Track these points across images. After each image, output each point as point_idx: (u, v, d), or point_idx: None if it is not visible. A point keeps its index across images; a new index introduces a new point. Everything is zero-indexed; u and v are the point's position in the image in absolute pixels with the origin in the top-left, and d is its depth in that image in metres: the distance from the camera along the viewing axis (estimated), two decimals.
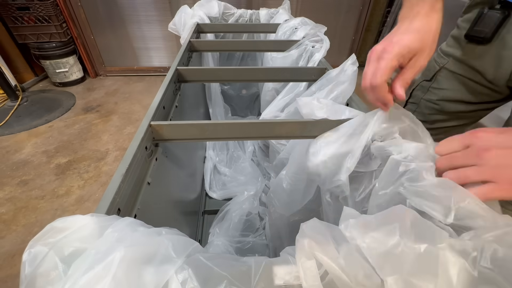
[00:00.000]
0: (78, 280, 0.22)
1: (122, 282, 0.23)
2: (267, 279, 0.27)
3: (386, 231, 0.26)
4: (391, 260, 0.25)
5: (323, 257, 0.26)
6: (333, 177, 0.51)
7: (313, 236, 0.28)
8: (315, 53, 0.85)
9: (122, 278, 0.23)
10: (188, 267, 0.25)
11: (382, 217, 0.28)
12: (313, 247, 0.27)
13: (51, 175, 1.61)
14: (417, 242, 0.25)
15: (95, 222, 0.28)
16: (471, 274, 0.24)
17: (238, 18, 1.46)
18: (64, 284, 0.22)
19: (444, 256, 0.24)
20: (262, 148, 1.47)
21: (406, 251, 0.25)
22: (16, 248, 1.20)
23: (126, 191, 0.40)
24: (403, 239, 0.26)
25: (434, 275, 0.24)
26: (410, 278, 0.24)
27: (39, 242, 0.25)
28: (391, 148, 0.42)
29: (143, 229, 0.29)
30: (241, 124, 0.56)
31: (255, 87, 1.72)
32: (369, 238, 0.27)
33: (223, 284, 0.25)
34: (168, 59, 2.93)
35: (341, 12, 2.71)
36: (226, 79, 0.82)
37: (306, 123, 0.55)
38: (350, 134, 0.49)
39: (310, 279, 0.26)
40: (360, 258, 0.26)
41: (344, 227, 0.29)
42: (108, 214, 0.34)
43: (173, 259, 0.26)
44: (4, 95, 2.22)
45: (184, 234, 0.30)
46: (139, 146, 0.46)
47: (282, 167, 0.84)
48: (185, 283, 0.24)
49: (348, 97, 0.64)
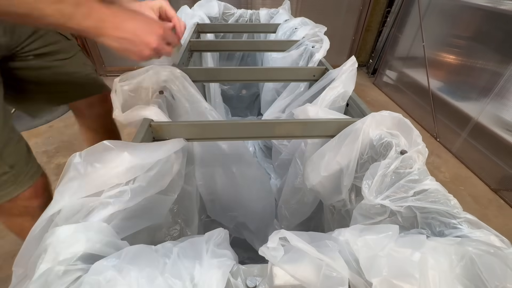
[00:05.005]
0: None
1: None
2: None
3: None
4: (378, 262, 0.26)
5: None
6: (333, 194, 0.52)
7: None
8: (315, 53, 0.85)
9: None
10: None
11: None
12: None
13: (51, 175, 1.60)
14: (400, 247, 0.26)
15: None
16: (450, 277, 0.25)
17: (238, 18, 1.46)
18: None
19: (425, 259, 0.26)
20: (262, 149, 1.47)
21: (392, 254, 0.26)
22: (16, 248, 1.19)
23: None
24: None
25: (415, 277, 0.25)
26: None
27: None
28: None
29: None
30: (241, 124, 0.56)
31: (255, 87, 1.72)
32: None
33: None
34: (168, 59, 2.92)
35: (341, 12, 2.71)
36: (226, 79, 0.82)
37: (306, 123, 0.55)
38: (343, 146, 0.49)
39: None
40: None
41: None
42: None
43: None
44: None
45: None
46: None
47: (284, 167, 0.85)
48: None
49: (348, 97, 0.64)
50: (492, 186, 1.56)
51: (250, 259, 0.97)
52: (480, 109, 1.61)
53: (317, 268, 0.26)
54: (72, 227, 0.30)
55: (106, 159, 0.37)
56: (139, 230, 0.41)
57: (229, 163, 0.79)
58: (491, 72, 1.54)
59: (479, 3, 1.62)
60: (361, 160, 0.48)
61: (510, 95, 1.44)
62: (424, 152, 0.42)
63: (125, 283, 0.25)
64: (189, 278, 0.26)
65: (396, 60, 2.48)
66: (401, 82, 2.40)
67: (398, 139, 0.44)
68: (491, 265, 0.25)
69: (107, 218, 0.33)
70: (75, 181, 0.34)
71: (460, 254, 0.26)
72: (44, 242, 0.29)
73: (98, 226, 0.31)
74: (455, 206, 0.34)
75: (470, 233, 0.30)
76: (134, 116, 0.52)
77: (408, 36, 2.27)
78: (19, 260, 0.31)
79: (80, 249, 0.28)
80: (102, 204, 0.34)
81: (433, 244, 0.27)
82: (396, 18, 2.43)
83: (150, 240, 0.48)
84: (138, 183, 0.38)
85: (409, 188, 0.37)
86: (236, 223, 0.95)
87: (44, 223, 0.32)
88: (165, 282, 0.25)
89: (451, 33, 1.83)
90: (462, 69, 1.77)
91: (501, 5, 1.49)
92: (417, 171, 0.39)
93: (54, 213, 0.32)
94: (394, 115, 0.46)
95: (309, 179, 0.55)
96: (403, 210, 0.37)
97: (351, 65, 0.64)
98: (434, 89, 1.99)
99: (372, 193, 0.39)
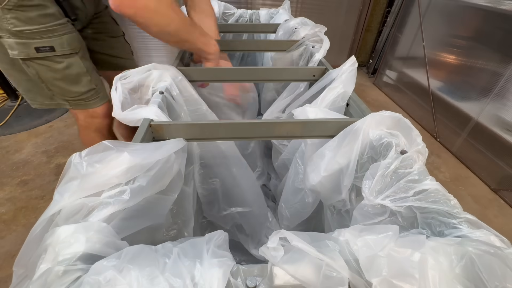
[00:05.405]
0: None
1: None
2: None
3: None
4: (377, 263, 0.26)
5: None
6: (333, 194, 0.52)
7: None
8: (315, 53, 0.85)
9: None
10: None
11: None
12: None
13: (51, 175, 1.61)
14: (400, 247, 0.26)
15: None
16: (450, 277, 0.25)
17: (238, 18, 1.46)
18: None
19: (425, 259, 0.26)
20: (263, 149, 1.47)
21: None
22: (16, 248, 1.20)
23: None
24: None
25: (415, 277, 0.25)
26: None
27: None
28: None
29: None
30: (241, 124, 0.56)
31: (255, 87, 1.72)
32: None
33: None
34: (168, 59, 2.92)
35: (341, 12, 2.71)
36: (226, 79, 0.82)
37: (306, 123, 0.55)
38: (343, 146, 0.49)
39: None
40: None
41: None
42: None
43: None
44: (4, 95, 2.22)
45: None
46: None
47: (284, 167, 0.85)
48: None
49: (348, 97, 0.64)
50: (492, 186, 1.56)
51: (246, 261, 0.97)
52: (480, 109, 1.61)
53: (317, 268, 0.26)
54: (72, 227, 0.30)
55: (106, 159, 0.37)
56: (139, 230, 0.41)
57: (227, 164, 0.79)
58: (491, 72, 1.54)
59: (479, 3, 1.62)
60: (361, 160, 0.48)
61: (510, 95, 1.44)
62: (424, 152, 0.42)
63: (125, 282, 0.25)
64: (190, 277, 0.26)
65: (396, 60, 2.48)
66: (401, 82, 2.40)
67: (398, 139, 0.44)
68: (491, 265, 0.25)
69: (107, 218, 0.33)
70: (75, 181, 0.34)
71: (460, 254, 0.26)
72: (44, 242, 0.29)
73: (98, 226, 0.31)
74: (455, 206, 0.34)
75: (470, 233, 0.30)
76: (134, 115, 0.52)
77: (408, 36, 2.27)
78: (20, 260, 0.31)
79: (80, 249, 0.28)
80: (102, 204, 0.34)
81: (433, 244, 0.27)
82: (396, 18, 2.43)
83: (150, 240, 0.48)
84: (138, 183, 0.38)
85: (409, 188, 0.37)
86: (232, 225, 0.95)
87: (45, 223, 0.32)
88: (165, 281, 0.25)
89: (451, 33, 1.83)
90: (462, 69, 1.77)
91: (501, 5, 1.49)
92: (417, 171, 0.39)
93: (54, 213, 0.33)
94: (394, 115, 0.46)
95: (309, 179, 0.55)
96: (403, 210, 0.37)
97: (351, 65, 0.64)
98: (434, 89, 1.99)
99: (372, 193, 0.39)
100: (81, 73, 0.84)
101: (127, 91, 0.56)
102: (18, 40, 0.71)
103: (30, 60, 0.75)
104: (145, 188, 0.39)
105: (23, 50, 0.72)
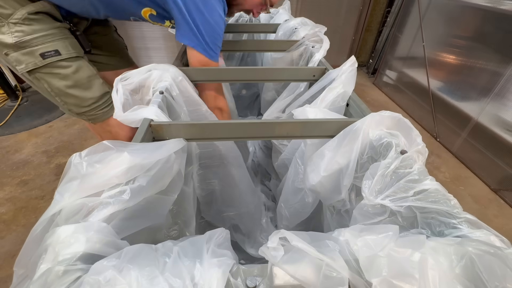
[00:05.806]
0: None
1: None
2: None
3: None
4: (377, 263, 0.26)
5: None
6: (332, 194, 0.52)
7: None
8: (315, 53, 0.85)
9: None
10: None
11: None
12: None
13: (51, 175, 1.61)
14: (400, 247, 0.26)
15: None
16: (450, 277, 0.25)
17: (238, 18, 1.46)
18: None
19: (425, 259, 0.26)
20: (262, 149, 1.47)
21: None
22: (16, 248, 1.20)
23: None
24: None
25: (414, 277, 0.25)
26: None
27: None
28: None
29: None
30: (241, 124, 0.56)
31: (255, 87, 1.72)
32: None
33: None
34: (168, 59, 2.93)
35: (341, 12, 2.71)
36: (226, 79, 0.82)
37: (306, 123, 0.55)
38: (343, 146, 0.49)
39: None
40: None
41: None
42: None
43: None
44: (4, 95, 2.22)
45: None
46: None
47: (284, 167, 0.84)
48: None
49: (348, 97, 0.64)
50: (492, 186, 1.56)
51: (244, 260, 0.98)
52: (480, 109, 1.61)
53: (317, 268, 0.26)
54: (72, 227, 0.30)
55: (106, 159, 0.37)
56: (139, 230, 0.41)
57: (226, 165, 0.79)
58: (491, 72, 1.54)
59: (479, 3, 1.62)
60: (361, 160, 0.48)
61: (510, 95, 1.45)
62: (424, 152, 0.42)
63: (125, 282, 0.25)
64: (190, 277, 0.26)
65: (396, 60, 2.48)
66: (401, 82, 2.40)
67: (398, 139, 0.44)
68: (491, 265, 0.25)
69: (107, 218, 0.33)
70: (75, 181, 0.34)
71: (460, 254, 0.26)
72: (44, 242, 0.29)
73: (98, 226, 0.31)
74: (455, 206, 0.34)
75: (470, 233, 0.30)
76: (134, 116, 0.52)
77: (408, 36, 2.27)
78: (20, 260, 0.31)
79: (80, 249, 0.28)
80: (102, 204, 0.34)
81: (433, 244, 0.27)
82: (396, 18, 2.43)
83: (150, 240, 0.48)
84: (138, 183, 0.38)
85: (409, 188, 0.37)
86: (230, 225, 0.96)
87: (45, 223, 0.32)
88: (165, 281, 0.25)
89: (451, 33, 1.83)
90: (462, 69, 1.77)
91: (501, 5, 1.49)
92: (417, 171, 0.39)
93: (54, 213, 0.33)
94: (394, 115, 0.46)
95: (309, 179, 0.55)
96: (403, 210, 0.37)
97: (351, 65, 0.64)
98: (434, 89, 1.99)
99: (372, 193, 0.39)
100: (92, 76, 0.82)
101: (128, 92, 0.56)
102: (23, 50, 0.70)
103: (38, 71, 0.74)
104: (145, 188, 0.39)
105: (30, 60, 0.71)
